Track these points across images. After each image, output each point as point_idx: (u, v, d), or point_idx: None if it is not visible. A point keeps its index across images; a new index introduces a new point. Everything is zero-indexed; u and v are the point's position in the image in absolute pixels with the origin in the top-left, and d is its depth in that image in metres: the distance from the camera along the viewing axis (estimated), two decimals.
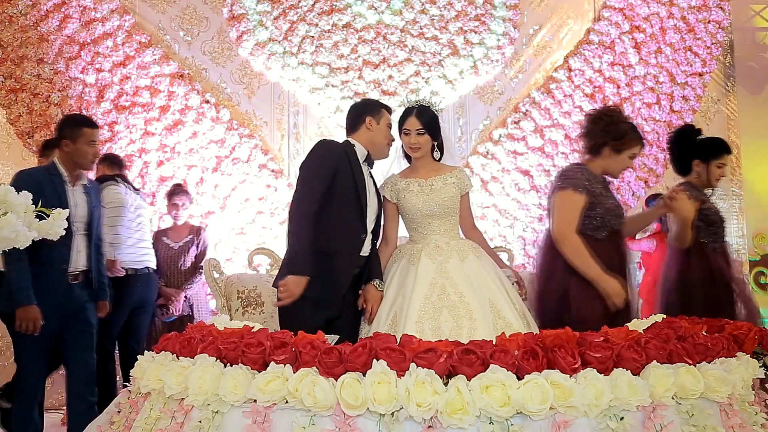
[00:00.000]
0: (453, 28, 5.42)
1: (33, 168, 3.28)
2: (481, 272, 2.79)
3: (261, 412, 1.70)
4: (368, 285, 2.82)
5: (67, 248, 3.10)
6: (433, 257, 2.78)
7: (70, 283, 3.13)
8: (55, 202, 2.95)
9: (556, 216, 2.82)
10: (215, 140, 5.14)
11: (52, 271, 3.07)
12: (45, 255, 2.99)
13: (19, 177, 3.10)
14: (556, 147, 5.40)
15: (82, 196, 3.20)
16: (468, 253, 2.83)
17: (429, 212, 2.87)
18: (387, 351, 1.72)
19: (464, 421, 1.60)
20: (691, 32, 5.61)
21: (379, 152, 2.93)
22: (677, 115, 5.56)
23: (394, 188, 2.96)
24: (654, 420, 1.68)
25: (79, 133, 3.16)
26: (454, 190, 2.90)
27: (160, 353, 2.02)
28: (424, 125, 2.85)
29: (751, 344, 2.09)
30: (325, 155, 2.78)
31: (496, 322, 2.62)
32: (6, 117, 4.95)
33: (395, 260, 2.90)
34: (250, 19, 5.27)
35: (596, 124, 2.91)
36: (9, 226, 2.12)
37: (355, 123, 2.91)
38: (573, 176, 2.83)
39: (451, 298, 2.64)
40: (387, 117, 2.93)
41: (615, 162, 2.91)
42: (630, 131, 2.90)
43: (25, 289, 2.95)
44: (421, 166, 2.94)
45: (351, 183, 2.76)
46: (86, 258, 3.20)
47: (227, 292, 3.76)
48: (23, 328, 2.95)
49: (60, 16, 4.99)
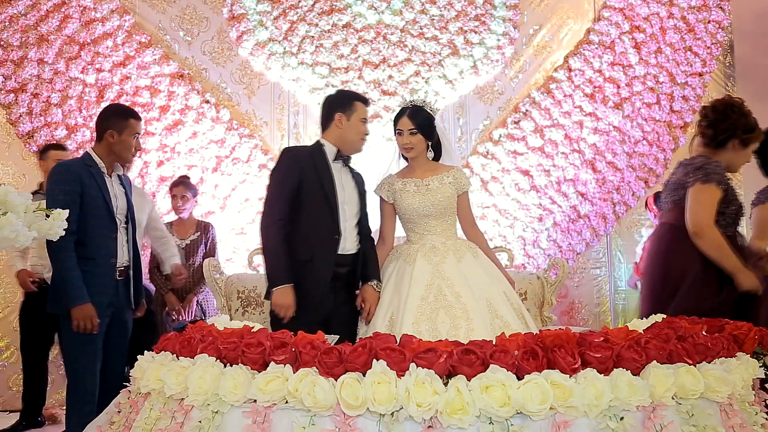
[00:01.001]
0: (453, 28, 5.42)
1: (70, 160, 3.12)
2: (478, 271, 2.78)
3: (261, 412, 1.70)
4: (366, 285, 2.82)
5: (114, 242, 2.94)
6: (429, 258, 2.78)
7: (117, 279, 2.97)
8: (97, 194, 2.89)
9: (694, 209, 2.75)
10: (215, 140, 5.14)
11: (101, 266, 2.90)
12: (93, 250, 2.86)
13: (59, 170, 2.92)
14: (556, 147, 5.40)
15: (119, 187, 3.06)
16: (464, 253, 2.83)
17: (425, 212, 2.87)
18: (387, 351, 1.72)
19: (464, 421, 1.60)
20: (691, 32, 5.61)
21: (351, 148, 2.88)
22: (677, 115, 5.55)
23: (391, 188, 2.96)
24: (654, 420, 1.68)
25: (126, 124, 3.01)
26: (450, 189, 2.89)
27: (160, 353, 2.02)
28: (416, 125, 2.84)
29: (751, 344, 2.08)
30: (288, 164, 2.78)
31: (494, 321, 2.62)
32: (6, 117, 4.95)
33: (391, 260, 2.90)
34: (250, 19, 5.27)
35: (725, 116, 2.85)
36: (9, 226, 2.12)
37: (325, 120, 2.88)
38: (714, 170, 2.77)
39: (448, 299, 2.64)
40: (361, 110, 2.85)
41: (739, 156, 2.87)
42: (757, 125, 2.85)
43: (79, 287, 2.78)
44: (418, 165, 2.94)
45: (318, 187, 2.75)
46: (128, 253, 3.04)
47: (227, 292, 3.76)
48: (81, 328, 2.78)
49: (60, 16, 4.99)
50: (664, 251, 2.92)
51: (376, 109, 5.23)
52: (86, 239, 2.83)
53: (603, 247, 5.53)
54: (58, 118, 4.93)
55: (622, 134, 5.47)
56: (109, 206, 2.93)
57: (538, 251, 5.34)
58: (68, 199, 2.78)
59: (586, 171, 5.42)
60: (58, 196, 2.80)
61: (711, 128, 2.88)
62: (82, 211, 2.83)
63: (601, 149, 5.43)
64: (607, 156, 5.44)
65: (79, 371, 2.86)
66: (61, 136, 4.91)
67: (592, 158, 5.43)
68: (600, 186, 5.42)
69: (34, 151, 4.85)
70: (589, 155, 5.42)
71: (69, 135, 4.94)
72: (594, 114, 5.44)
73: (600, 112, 5.45)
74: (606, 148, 5.44)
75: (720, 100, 3.01)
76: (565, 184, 5.38)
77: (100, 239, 2.87)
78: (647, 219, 5.27)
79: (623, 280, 5.51)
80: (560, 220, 5.38)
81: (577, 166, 5.41)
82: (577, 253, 5.43)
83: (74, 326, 2.78)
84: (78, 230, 2.79)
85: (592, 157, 5.43)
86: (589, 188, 5.41)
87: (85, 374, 2.85)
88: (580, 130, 5.43)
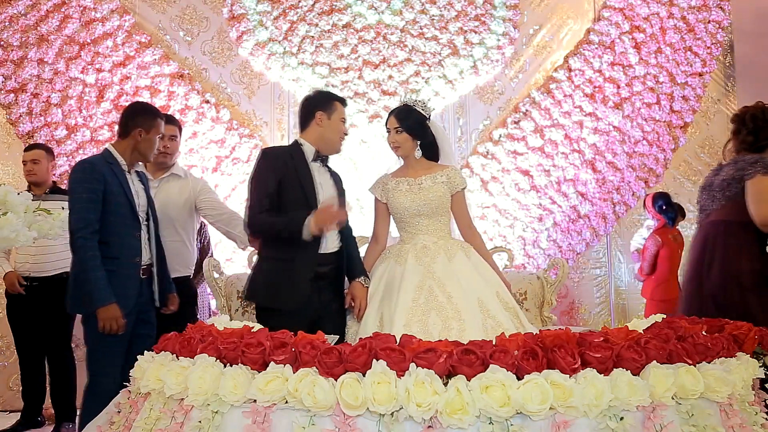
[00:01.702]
0: (453, 28, 5.42)
1: (92, 157, 3.02)
2: (469, 271, 2.76)
3: (261, 412, 1.70)
4: (354, 282, 2.82)
5: (138, 240, 2.89)
6: (419, 258, 2.77)
7: (141, 278, 2.92)
8: (119, 192, 2.85)
9: (758, 199, 2.80)
10: (215, 140, 5.14)
11: (125, 265, 2.84)
12: (117, 249, 2.81)
13: (82, 168, 2.85)
14: (556, 147, 5.40)
15: (139, 184, 3.02)
16: (456, 252, 2.81)
17: (417, 211, 2.87)
18: (387, 351, 1.72)
19: (464, 421, 1.60)
20: (691, 32, 5.61)
21: (330, 148, 2.87)
22: (677, 115, 5.56)
23: (385, 188, 2.97)
24: (654, 420, 1.68)
25: (154, 123, 2.97)
26: (443, 188, 2.88)
27: (160, 353, 2.02)
28: (401, 124, 2.86)
29: (751, 344, 2.08)
30: (267, 166, 2.77)
31: (486, 321, 2.59)
32: (6, 117, 4.95)
33: (383, 260, 2.89)
34: (250, 19, 5.27)
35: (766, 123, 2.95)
36: (9, 226, 2.13)
37: (305, 119, 2.87)
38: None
39: (439, 300, 2.62)
40: (340, 110, 2.87)
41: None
42: None
43: (104, 288, 2.72)
44: (411, 165, 2.95)
45: (298, 187, 2.75)
46: (150, 251, 2.98)
47: (227, 292, 3.76)
48: (107, 329, 2.72)
49: (60, 16, 4.99)
50: (722, 250, 2.92)
51: (376, 109, 5.24)
52: (109, 238, 2.79)
53: (603, 247, 5.54)
54: (58, 118, 4.93)
55: (622, 134, 5.47)
56: (132, 204, 2.89)
57: (538, 251, 5.34)
58: (92, 197, 2.75)
59: (586, 171, 5.42)
60: (82, 194, 2.76)
61: (752, 135, 2.97)
62: (105, 210, 2.78)
63: (601, 149, 5.44)
64: (607, 156, 5.44)
65: (99, 372, 2.81)
66: (61, 136, 4.91)
67: (592, 158, 5.43)
68: (600, 186, 5.42)
69: None
70: (589, 155, 5.43)
71: (69, 135, 4.94)
72: (594, 114, 5.45)
73: (600, 112, 5.45)
74: (606, 148, 5.44)
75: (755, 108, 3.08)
76: (565, 184, 5.39)
77: (123, 238, 2.83)
78: (647, 219, 5.27)
79: (623, 280, 5.52)
80: (560, 220, 5.38)
81: (577, 166, 5.41)
82: (577, 253, 5.43)
83: (100, 327, 2.72)
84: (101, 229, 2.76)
85: (592, 157, 5.43)
86: (589, 188, 5.41)
87: (105, 375, 2.79)
88: (580, 130, 5.43)
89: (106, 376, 2.77)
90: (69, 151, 4.90)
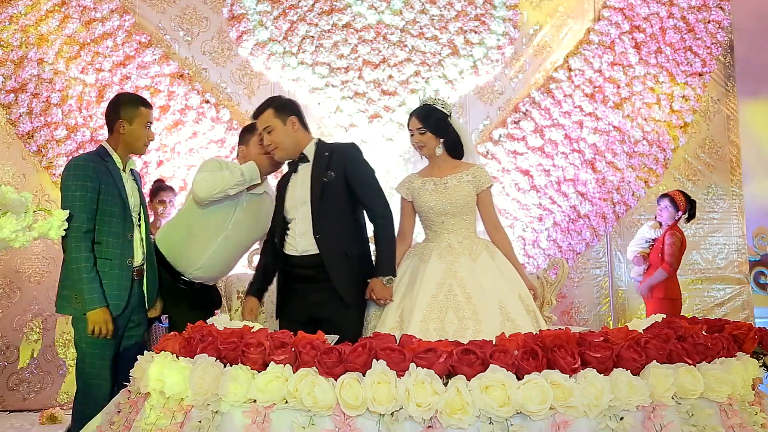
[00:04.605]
0: (453, 28, 5.41)
1: (84, 155, 2.91)
2: (492, 272, 2.75)
3: (261, 412, 1.70)
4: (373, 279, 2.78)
5: (130, 241, 2.79)
6: (443, 257, 2.77)
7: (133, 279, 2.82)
8: (113, 191, 2.75)
9: None
10: (215, 140, 5.13)
11: (118, 267, 2.75)
12: (110, 250, 2.73)
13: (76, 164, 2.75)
14: (556, 147, 5.40)
15: (132, 183, 2.91)
16: (480, 252, 2.80)
17: (442, 210, 2.87)
18: (387, 351, 1.72)
19: (464, 421, 1.60)
20: (691, 32, 5.61)
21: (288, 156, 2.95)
22: (677, 115, 5.56)
23: (411, 186, 2.97)
24: (654, 420, 1.68)
25: (137, 113, 2.82)
26: (468, 188, 2.87)
27: (160, 353, 2.02)
28: (423, 124, 2.86)
29: (751, 344, 2.09)
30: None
31: (504, 324, 2.57)
32: (6, 117, 4.95)
33: (407, 258, 2.91)
34: (250, 19, 5.26)
35: None
36: (9, 226, 2.13)
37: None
38: None
39: (458, 299, 2.63)
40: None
41: None
42: None
43: (96, 291, 2.65)
44: (437, 164, 2.95)
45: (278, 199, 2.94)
46: (142, 252, 2.88)
47: (227, 292, 3.76)
48: (96, 332, 2.65)
49: (60, 16, 4.98)
50: None
51: (376, 109, 5.23)
52: (102, 239, 2.72)
53: (603, 247, 5.54)
54: (58, 118, 4.93)
55: (622, 134, 5.47)
56: (126, 204, 2.79)
57: (538, 251, 5.34)
58: (86, 196, 2.68)
59: (586, 171, 5.42)
60: (75, 192, 2.68)
61: None
62: (99, 210, 2.71)
63: (601, 149, 5.44)
64: (607, 156, 5.44)
65: (89, 374, 2.74)
66: (61, 136, 4.90)
67: (592, 158, 5.43)
68: (600, 186, 5.42)
69: (34, 151, 4.86)
70: (589, 155, 5.43)
71: (69, 135, 4.93)
72: (594, 114, 5.45)
73: (600, 112, 5.45)
74: (606, 148, 5.44)
75: None
76: (565, 184, 5.39)
77: (116, 239, 2.75)
78: (647, 219, 5.27)
79: (623, 280, 5.51)
80: (560, 220, 5.38)
81: (577, 166, 5.41)
82: (577, 253, 5.43)
83: (89, 330, 2.66)
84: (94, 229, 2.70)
85: (592, 157, 5.43)
86: (589, 188, 5.41)
87: (94, 377, 2.73)
88: (580, 130, 5.43)
89: (97, 377, 2.73)
90: (69, 151, 4.88)
